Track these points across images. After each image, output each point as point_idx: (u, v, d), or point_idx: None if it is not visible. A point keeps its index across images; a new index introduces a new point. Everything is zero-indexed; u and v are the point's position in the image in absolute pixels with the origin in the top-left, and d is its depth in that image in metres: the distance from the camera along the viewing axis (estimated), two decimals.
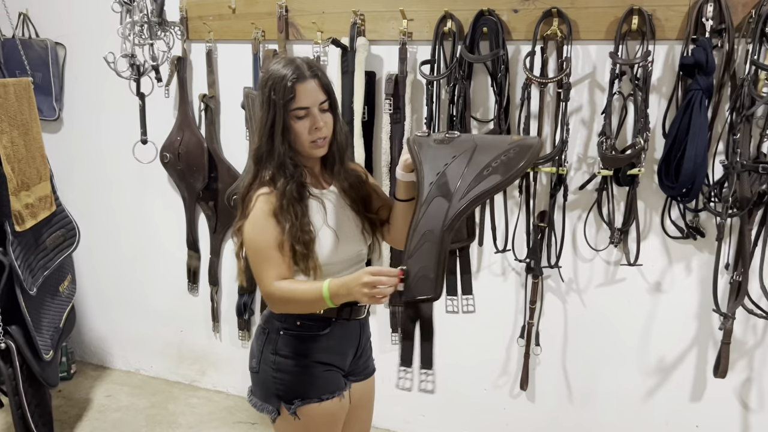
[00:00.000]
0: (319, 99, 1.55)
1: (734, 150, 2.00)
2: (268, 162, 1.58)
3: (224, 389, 3.25)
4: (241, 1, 2.62)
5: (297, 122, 1.54)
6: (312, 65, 1.57)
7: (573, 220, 2.36)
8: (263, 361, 1.68)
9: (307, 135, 1.55)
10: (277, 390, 1.66)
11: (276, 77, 1.53)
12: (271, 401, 1.68)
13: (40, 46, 2.99)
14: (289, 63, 1.55)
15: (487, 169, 1.45)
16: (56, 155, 3.08)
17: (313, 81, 1.54)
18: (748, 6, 1.97)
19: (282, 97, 1.51)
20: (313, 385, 1.66)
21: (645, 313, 2.36)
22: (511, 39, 2.25)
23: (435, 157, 1.49)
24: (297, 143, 1.57)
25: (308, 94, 1.53)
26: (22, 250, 2.26)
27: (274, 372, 1.66)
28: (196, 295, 3.15)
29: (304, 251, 1.55)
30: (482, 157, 1.47)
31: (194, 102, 2.84)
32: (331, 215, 1.63)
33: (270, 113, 1.54)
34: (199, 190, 2.89)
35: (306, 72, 1.53)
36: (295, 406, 1.64)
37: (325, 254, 1.60)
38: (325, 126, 1.57)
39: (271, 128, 1.54)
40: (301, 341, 1.65)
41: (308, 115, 1.54)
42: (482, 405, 2.69)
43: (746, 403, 2.30)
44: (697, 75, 1.96)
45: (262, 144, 1.57)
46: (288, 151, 1.56)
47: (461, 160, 1.47)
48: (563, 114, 2.18)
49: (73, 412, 3.05)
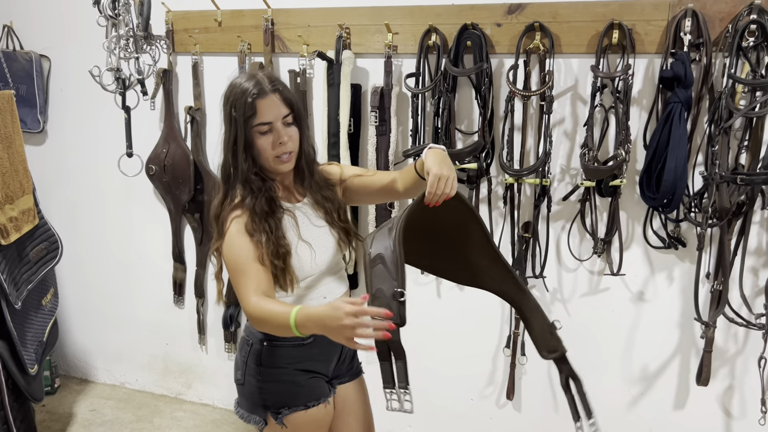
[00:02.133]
0: (282, 113, 1.54)
1: (713, 161, 2.04)
2: (235, 179, 1.58)
3: (210, 402, 3.23)
4: (227, 14, 2.63)
5: (260, 138, 1.54)
6: (273, 79, 1.56)
7: (557, 231, 2.39)
8: (248, 373, 1.68)
9: (270, 150, 1.54)
10: (263, 400, 1.67)
11: (237, 93, 1.53)
12: (258, 412, 1.69)
13: (25, 59, 2.98)
14: (249, 78, 1.55)
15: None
16: (41, 168, 3.07)
17: (274, 95, 1.53)
18: (725, 21, 2.02)
19: (243, 114, 1.50)
20: (299, 394, 1.67)
21: (628, 322, 2.39)
22: (495, 52, 2.28)
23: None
24: (261, 159, 1.56)
25: (270, 109, 1.52)
26: (7, 264, 2.24)
27: (259, 383, 1.67)
28: (182, 308, 3.14)
29: (281, 265, 1.55)
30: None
31: (180, 114, 2.84)
32: (305, 228, 1.64)
33: (232, 130, 1.54)
34: (184, 202, 2.89)
35: (267, 87, 1.53)
36: (282, 415, 1.65)
37: (302, 267, 1.60)
38: (290, 140, 1.56)
39: (233, 145, 1.54)
40: (284, 351, 1.66)
41: (271, 130, 1.54)
42: (469, 415, 2.70)
43: (728, 410, 2.33)
44: (676, 88, 2.00)
45: (227, 161, 1.57)
46: (252, 167, 1.55)
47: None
48: (546, 126, 2.21)
49: (57, 426, 3.02)
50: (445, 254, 1.69)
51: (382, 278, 1.36)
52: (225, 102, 1.55)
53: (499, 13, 2.24)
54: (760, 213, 2.14)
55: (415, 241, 1.55)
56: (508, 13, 2.23)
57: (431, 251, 1.68)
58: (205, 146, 2.85)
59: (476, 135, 2.32)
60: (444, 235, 1.64)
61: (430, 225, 1.58)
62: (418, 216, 1.49)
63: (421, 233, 1.59)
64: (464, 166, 2.30)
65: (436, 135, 2.34)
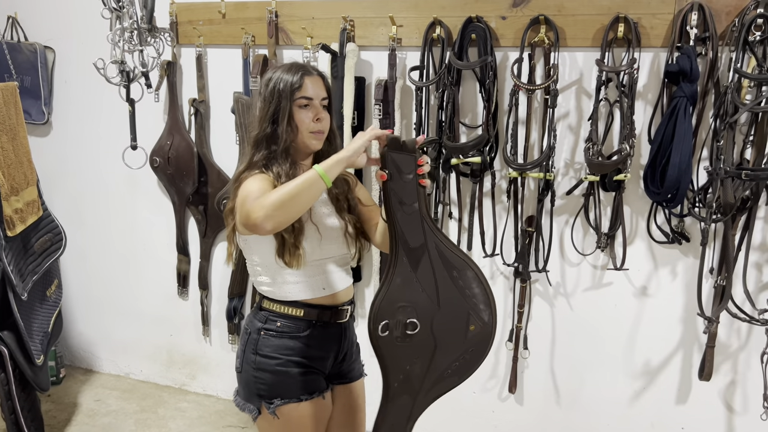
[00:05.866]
0: (321, 95, 1.65)
1: (718, 156, 2.03)
2: (267, 146, 1.62)
3: (214, 393, 3.25)
4: (231, 6, 2.63)
5: (300, 111, 1.61)
6: (316, 68, 1.70)
7: (560, 225, 2.39)
8: (245, 361, 1.71)
9: (308, 123, 1.62)
10: (258, 389, 1.69)
11: (284, 70, 1.63)
12: (253, 400, 1.71)
13: (29, 50, 2.98)
14: (295, 63, 1.67)
15: (447, 371, 1.59)
16: (46, 159, 3.08)
17: (319, 78, 1.66)
18: (731, 15, 2.00)
19: (290, 86, 1.59)
20: (293, 386, 1.69)
21: (631, 317, 2.39)
22: (499, 46, 2.27)
23: (398, 356, 1.54)
24: (298, 132, 1.62)
25: (314, 87, 1.62)
26: (13, 255, 2.25)
27: (254, 371, 1.69)
28: (186, 299, 3.15)
29: (290, 231, 1.57)
30: (442, 359, 1.57)
31: (184, 106, 2.85)
32: (316, 212, 1.67)
33: (274, 102, 1.61)
34: (188, 194, 2.90)
35: (312, 70, 1.66)
36: (275, 406, 1.67)
37: (308, 247, 1.62)
38: (326, 120, 1.65)
39: (274, 114, 1.60)
40: (280, 341, 1.68)
41: (310, 105, 1.62)
42: (471, 408, 2.71)
43: (730, 405, 2.33)
44: (681, 82, 1.99)
45: (262, 129, 1.62)
46: (291, 136, 1.61)
47: (422, 363, 1.56)
48: (550, 120, 2.21)
49: (63, 416, 3.04)
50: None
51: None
52: (267, 83, 1.63)
53: (504, 6, 2.23)
54: (765, 208, 2.13)
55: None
56: (513, 6, 2.22)
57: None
58: (209, 138, 2.85)
59: (480, 129, 2.31)
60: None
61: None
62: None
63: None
64: (468, 160, 2.30)
65: (440, 128, 2.34)
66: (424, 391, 1.59)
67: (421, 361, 1.55)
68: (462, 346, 1.58)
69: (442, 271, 1.54)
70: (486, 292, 1.59)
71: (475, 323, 1.58)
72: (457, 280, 1.55)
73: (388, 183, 1.49)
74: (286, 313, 1.68)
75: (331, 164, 1.47)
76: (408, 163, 1.49)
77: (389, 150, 1.49)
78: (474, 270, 1.57)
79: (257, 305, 1.74)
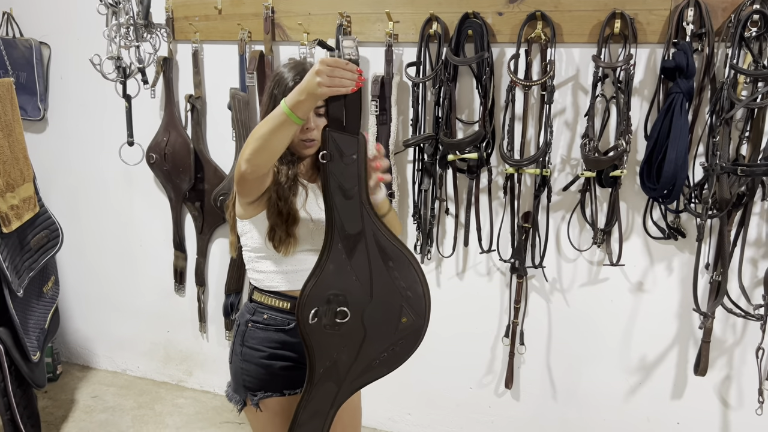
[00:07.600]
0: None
1: (714, 152, 2.03)
2: None
3: (211, 389, 3.25)
4: (228, 2, 2.62)
5: None
6: None
7: (557, 221, 2.39)
8: (234, 353, 1.74)
9: (297, 133, 1.59)
10: (244, 381, 1.71)
11: (282, 73, 1.64)
12: (240, 392, 1.73)
13: (25, 46, 2.97)
14: (296, 65, 1.66)
15: (375, 361, 1.57)
16: (41, 155, 3.07)
17: None
18: (727, 11, 2.01)
19: (282, 92, 1.58)
20: (277, 379, 1.69)
21: (627, 313, 2.40)
22: (496, 42, 2.27)
23: (326, 344, 1.53)
24: None
25: None
26: (9, 252, 2.25)
27: (241, 363, 1.71)
28: (183, 296, 3.15)
29: (285, 209, 1.59)
30: (371, 349, 1.55)
31: (180, 102, 2.84)
32: (311, 204, 1.68)
33: (271, 102, 1.64)
34: (185, 190, 2.89)
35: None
36: (258, 398, 1.69)
37: (299, 235, 1.63)
38: (317, 129, 1.61)
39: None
40: (266, 334, 1.69)
41: None
42: (468, 403, 2.72)
43: (726, 400, 2.35)
44: (677, 78, 1.99)
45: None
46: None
47: (350, 352, 1.54)
48: (547, 116, 2.21)
49: (60, 413, 3.04)
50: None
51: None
52: (272, 78, 1.67)
53: (501, 2, 2.23)
54: (760, 204, 2.14)
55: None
56: (510, 2, 2.22)
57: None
58: (205, 135, 2.85)
59: (477, 125, 2.32)
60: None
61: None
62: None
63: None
64: (465, 156, 2.30)
65: (437, 124, 2.34)
66: (350, 380, 1.57)
67: (348, 350, 1.53)
68: (392, 337, 1.55)
69: (378, 261, 1.50)
70: (421, 284, 1.55)
71: (408, 316, 1.55)
72: (392, 271, 1.52)
73: (327, 164, 1.43)
74: (272, 305, 1.69)
75: (293, 97, 1.38)
76: (350, 145, 1.43)
77: (330, 129, 1.42)
78: (411, 262, 1.53)
79: (249, 297, 1.77)
